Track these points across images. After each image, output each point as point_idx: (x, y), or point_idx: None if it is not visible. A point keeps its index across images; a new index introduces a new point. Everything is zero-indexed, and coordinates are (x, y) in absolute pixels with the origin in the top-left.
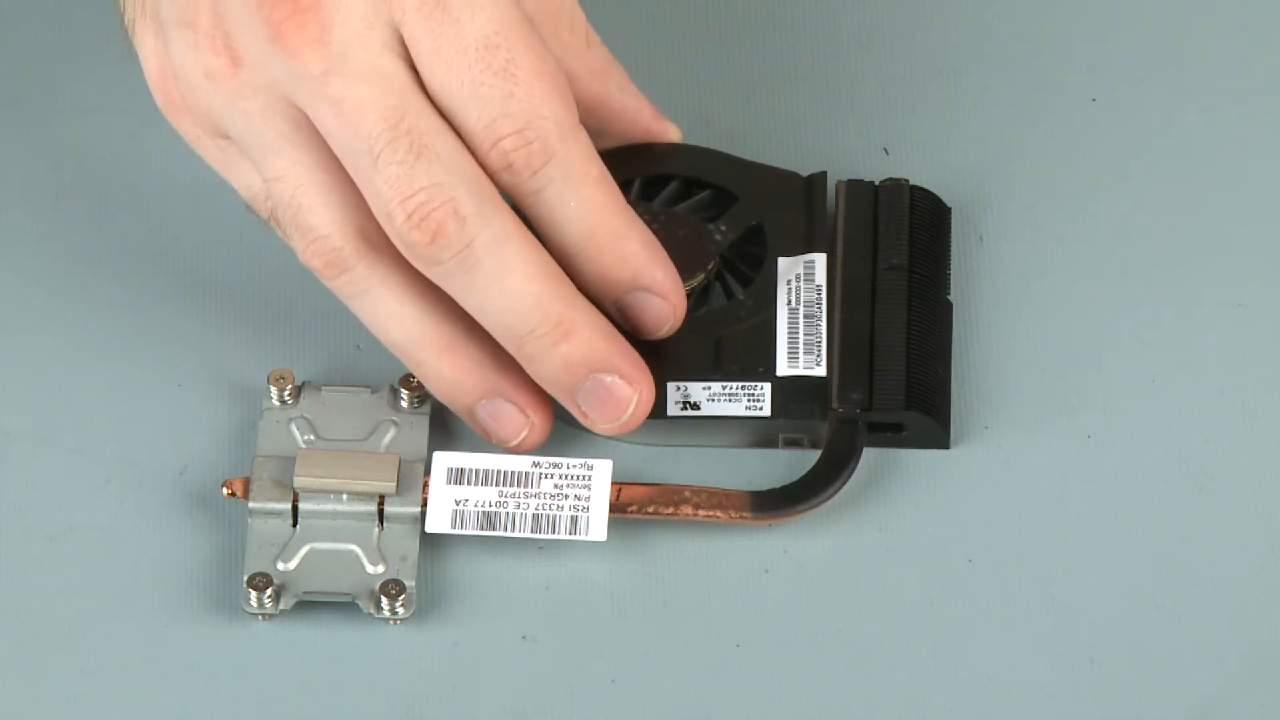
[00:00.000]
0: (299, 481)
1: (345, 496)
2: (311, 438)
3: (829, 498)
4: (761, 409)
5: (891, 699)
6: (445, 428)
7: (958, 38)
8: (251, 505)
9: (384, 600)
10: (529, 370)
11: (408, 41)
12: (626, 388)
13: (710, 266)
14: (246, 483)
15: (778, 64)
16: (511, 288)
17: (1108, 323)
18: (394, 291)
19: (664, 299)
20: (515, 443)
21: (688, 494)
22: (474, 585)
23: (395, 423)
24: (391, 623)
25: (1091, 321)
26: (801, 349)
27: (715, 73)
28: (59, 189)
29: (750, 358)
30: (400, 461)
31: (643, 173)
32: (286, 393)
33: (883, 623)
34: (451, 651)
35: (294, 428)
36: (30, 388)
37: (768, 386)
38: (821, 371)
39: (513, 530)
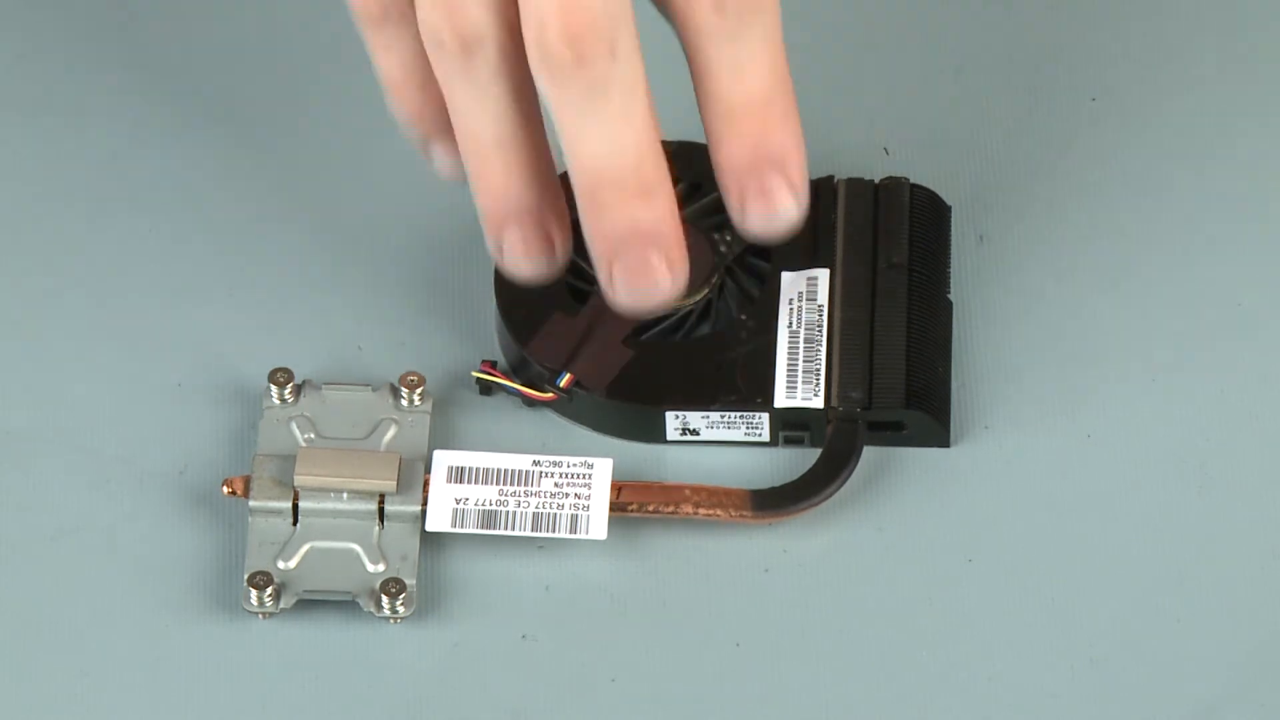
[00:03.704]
0: (299, 480)
1: (346, 495)
2: (312, 436)
3: (829, 496)
4: (760, 435)
5: (891, 699)
6: (446, 426)
7: (958, 38)
8: (252, 504)
9: (384, 599)
10: (588, 217)
11: None
12: (666, 272)
13: (714, 281)
14: (247, 481)
15: None
16: (621, 133)
17: (1108, 323)
18: (508, 89)
19: (794, 190)
20: (531, 272)
21: (688, 493)
22: (474, 584)
23: (396, 421)
24: (392, 621)
25: (1091, 321)
26: (800, 379)
27: None
28: (59, 189)
29: (749, 387)
30: (401, 460)
31: None
32: (287, 391)
33: (883, 623)
34: (451, 651)
35: (294, 426)
36: (30, 388)
37: (766, 416)
38: (819, 403)
39: (513, 529)
